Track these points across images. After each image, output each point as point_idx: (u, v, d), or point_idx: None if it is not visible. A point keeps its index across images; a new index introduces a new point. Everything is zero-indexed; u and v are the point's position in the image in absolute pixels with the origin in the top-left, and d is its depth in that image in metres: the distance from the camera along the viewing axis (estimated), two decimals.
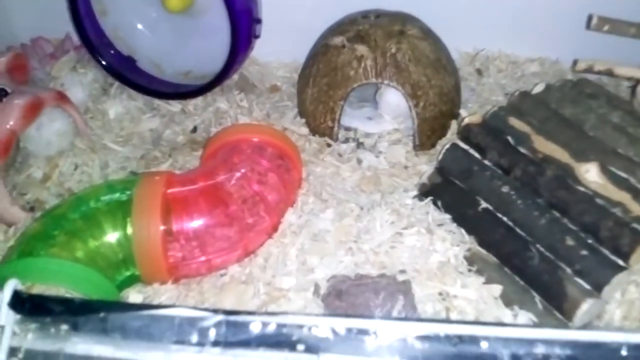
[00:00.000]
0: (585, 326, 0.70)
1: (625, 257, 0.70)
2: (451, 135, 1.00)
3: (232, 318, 0.46)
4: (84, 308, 0.48)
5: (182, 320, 0.46)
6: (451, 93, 1.00)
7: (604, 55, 0.98)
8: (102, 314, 0.47)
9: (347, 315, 0.54)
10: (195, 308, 0.47)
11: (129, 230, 0.76)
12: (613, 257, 0.71)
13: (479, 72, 1.17)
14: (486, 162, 0.84)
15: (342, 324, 0.44)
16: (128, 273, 0.78)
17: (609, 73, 0.89)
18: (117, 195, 0.79)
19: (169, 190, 0.80)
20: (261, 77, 1.20)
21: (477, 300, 0.75)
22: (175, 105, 1.10)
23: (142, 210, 0.76)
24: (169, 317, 0.47)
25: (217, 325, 0.46)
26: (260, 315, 0.46)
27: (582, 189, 0.76)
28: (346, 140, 1.03)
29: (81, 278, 0.73)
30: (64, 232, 0.76)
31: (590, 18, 0.90)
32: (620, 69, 0.89)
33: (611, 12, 0.97)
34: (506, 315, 0.73)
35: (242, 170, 0.84)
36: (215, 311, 0.46)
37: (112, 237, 0.76)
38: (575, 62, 0.92)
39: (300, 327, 0.45)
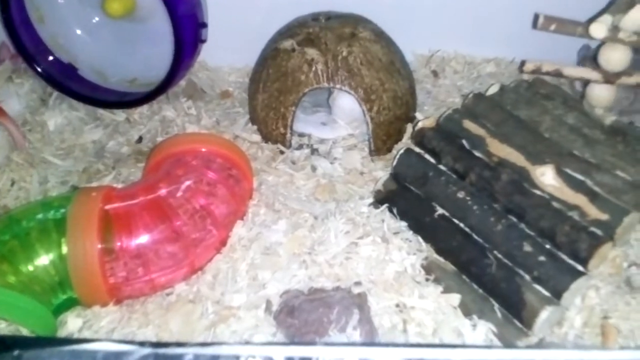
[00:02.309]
0: (544, 337, 0.67)
1: (584, 262, 0.68)
2: (407, 140, 0.97)
3: (161, 351, 0.42)
4: None
5: (106, 355, 0.42)
6: (406, 96, 0.98)
7: (561, 56, 0.97)
8: (16, 352, 0.42)
9: (289, 344, 0.50)
10: (120, 341, 0.42)
11: (64, 250, 0.71)
12: (571, 262, 0.69)
13: (435, 73, 1.14)
14: (441, 167, 0.82)
15: (281, 353, 0.41)
16: (65, 296, 0.73)
17: (558, 74, 0.88)
18: (52, 213, 0.74)
19: (108, 207, 0.75)
20: (211, 82, 1.15)
21: (435, 311, 0.72)
22: (119, 115, 1.05)
23: (77, 228, 0.71)
24: (91, 352, 0.42)
25: (144, 359, 0.42)
26: (193, 347, 0.42)
27: (538, 192, 0.74)
28: (300, 147, 0.99)
29: (13, 305, 0.68)
30: None
31: (536, 17, 0.88)
32: (569, 69, 0.87)
33: (566, 12, 0.96)
34: (465, 325, 0.70)
35: (187, 183, 0.79)
36: (142, 344, 0.42)
37: (46, 259, 0.71)
38: (522, 63, 0.90)
39: (237, 357, 0.41)
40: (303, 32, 0.97)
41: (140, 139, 1.01)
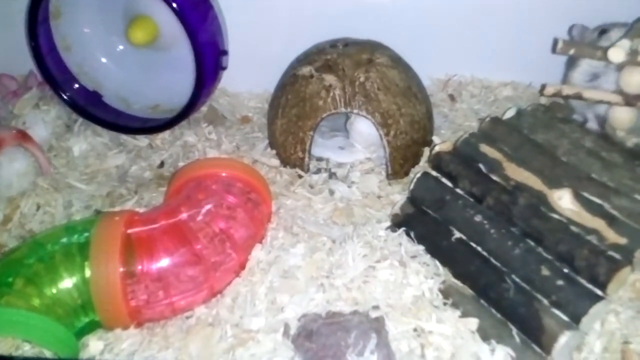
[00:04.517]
0: None
1: (603, 286, 0.68)
2: (424, 163, 0.98)
3: None
4: None
5: None
6: (423, 121, 0.99)
7: None
8: None
9: None
10: None
11: (88, 273, 0.73)
12: (590, 287, 0.69)
13: (452, 97, 1.15)
14: (458, 190, 0.82)
15: None
16: (87, 319, 0.74)
17: (578, 97, 0.87)
18: (75, 237, 0.76)
19: (130, 231, 0.77)
20: (232, 108, 1.18)
21: (453, 336, 0.72)
22: (142, 140, 1.08)
23: (100, 252, 0.72)
24: None
25: None
26: None
27: (556, 216, 0.74)
28: (318, 171, 1.00)
29: (37, 328, 0.69)
30: (21, 279, 0.72)
31: (555, 42, 0.89)
32: (589, 92, 0.87)
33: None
34: (483, 350, 0.70)
35: (207, 207, 0.81)
36: None
37: (69, 282, 0.72)
38: (543, 87, 0.91)
39: None
40: (321, 58, 0.99)
41: (162, 164, 1.03)
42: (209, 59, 0.99)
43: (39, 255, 0.74)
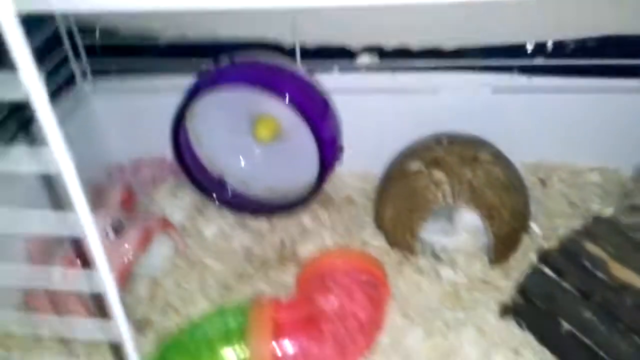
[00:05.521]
0: None
1: None
2: (522, 248, 1.07)
3: None
4: None
5: None
6: (522, 210, 1.08)
7: None
8: None
9: None
10: None
11: (244, 355, 0.84)
12: None
13: (542, 182, 1.24)
14: (566, 285, 0.90)
15: None
16: None
17: None
18: (229, 321, 0.88)
19: (275, 316, 0.89)
20: (335, 189, 1.28)
21: None
22: (263, 222, 1.20)
23: (257, 335, 0.85)
24: None
25: None
26: None
27: None
28: (424, 254, 1.10)
29: None
30: (183, 358, 0.85)
31: None
32: None
33: None
34: None
35: (336, 293, 0.92)
36: None
37: None
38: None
39: None
40: (429, 155, 1.09)
41: (282, 245, 1.15)
42: (329, 154, 1.11)
43: (198, 338, 0.87)
